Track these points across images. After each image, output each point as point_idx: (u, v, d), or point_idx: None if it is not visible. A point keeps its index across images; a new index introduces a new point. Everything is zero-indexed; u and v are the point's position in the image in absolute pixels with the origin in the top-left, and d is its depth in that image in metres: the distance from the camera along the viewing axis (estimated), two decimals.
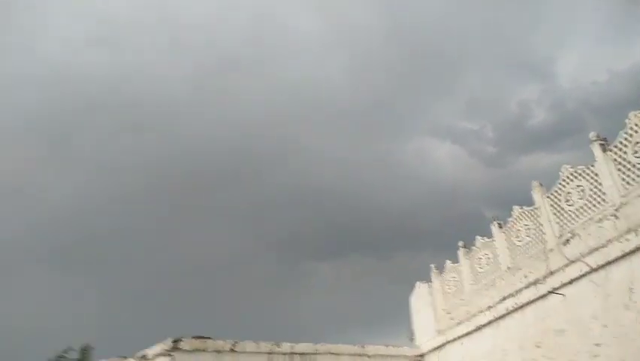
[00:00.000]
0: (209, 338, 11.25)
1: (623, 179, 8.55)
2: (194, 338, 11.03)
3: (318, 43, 37.17)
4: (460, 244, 12.39)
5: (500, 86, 39.27)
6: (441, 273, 13.11)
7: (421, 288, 13.76)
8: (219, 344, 11.01)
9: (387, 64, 36.90)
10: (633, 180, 8.37)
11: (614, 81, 33.55)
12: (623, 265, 8.20)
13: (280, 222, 40.55)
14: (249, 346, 10.98)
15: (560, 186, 9.86)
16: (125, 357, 12.12)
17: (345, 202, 38.97)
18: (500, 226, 11.28)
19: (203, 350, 10.79)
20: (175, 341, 10.61)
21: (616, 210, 8.54)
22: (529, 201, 10.62)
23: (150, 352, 11.02)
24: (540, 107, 37.88)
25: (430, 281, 13.39)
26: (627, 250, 8.06)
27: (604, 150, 8.97)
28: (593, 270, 8.64)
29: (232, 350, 10.98)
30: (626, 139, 8.63)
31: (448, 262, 12.81)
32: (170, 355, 10.51)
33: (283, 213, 40.22)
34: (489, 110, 40.40)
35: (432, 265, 13.38)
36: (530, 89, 39.45)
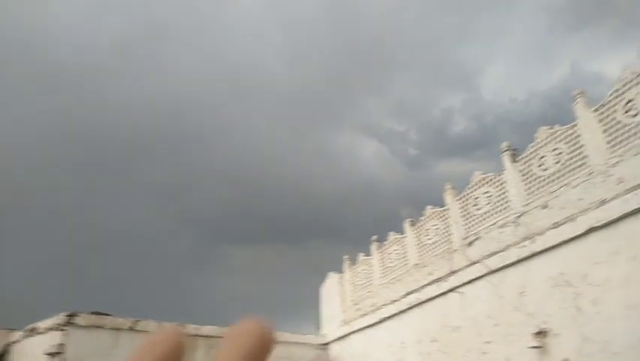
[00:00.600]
0: (108, 314, 10.75)
1: (527, 189, 9.11)
2: (91, 313, 10.49)
3: (258, 25, 36.49)
4: (374, 238, 12.68)
5: (428, 92, 40.76)
6: (353, 265, 13.36)
7: (332, 278, 13.96)
8: (119, 321, 10.54)
9: (325, 56, 37.07)
10: (535, 191, 8.94)
11: (532, 100, 35.90)
12: (517, 270, 8.76)
13: (202, 202, 39.67)
14: (151, 325, 10.60)
15: (470, 190, 10.34)
16: (13, 329, 11.30)
17: (272, 187, 38.85)
18: (412, 224, 11.66)
19: (101, 327, 10.29)
20: (70, 316, 10.02)
21: (517, 217, 9.09)
22: (442, 203, 11.07)
23: (42, 325, 10.33)
24: (462, 116, 39.79)
25: (342, 272, 13.62)
26: (522, 256, 8.62)
27: (513, 161, 9.50)
28: (491, 272, 9.17)
29: (132, 329, 10.55)
30: (533, 152, 9.18)
31: (361, 255, 13.08)
32: (63, 329, 9.91)
33: (207, 193, 39.37)
34: (415, 114, 41.82)
35: (345, 257, 13.61)
36: (455, 98, 41.31)
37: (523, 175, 9.23)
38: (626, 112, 7.52)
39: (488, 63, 38.40)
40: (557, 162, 8.57)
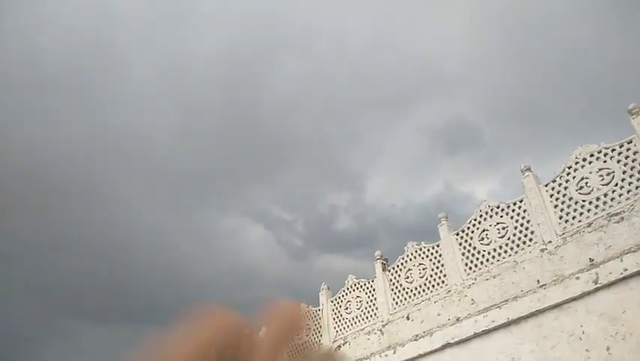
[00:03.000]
0: None
1: (394, 299, 9.61)
2: None
3: (151, 95, 35.94)
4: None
5: (316, 187, 42.45)
6: None
7: None
8: None
9: (217, 139, 37.33)
10: (401, 301, 9.46)
11: (409, 210, 38.91)
12: None
13: (56, 269, 35.79)
14: None
15: (344, 293, 10.65)
16: None
17: (142, 264, 36.47)
18: None
19: None
20: None
21: (383, 325, 9.47)
22: (317, 302, 11.21)
23: None
24: (347, 214, 41.70)
25: None
26: None
27: (383, 269, 10.05)
28: None
29: None
30: (402, 264, 9.82)
31: None
32: None
33: (64, 260, 35.72)
34: (303, 206, 43.03)
35: None
36: (341, 197, 43.38)
37: (392, 284, 9.77)
38: (481, 240, 8.47)
39: (374, 169, 41.35)
40: (422, 277, 9.24)
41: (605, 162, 7.25)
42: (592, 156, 7.40)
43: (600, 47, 27.68)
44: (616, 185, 7.00)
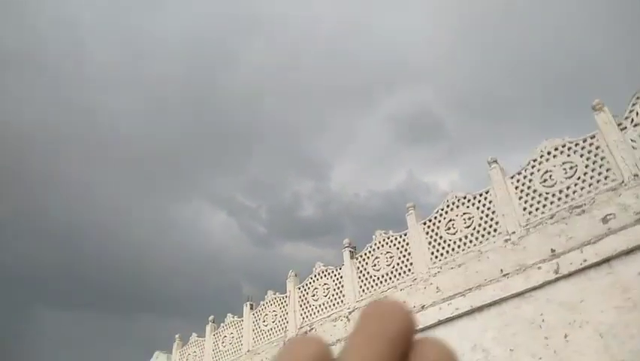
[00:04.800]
0: None
1: (361, 286, 9.70)
2: None
3: (120, 77, 34.92)
4: (210, 318, 12.23)
5: (282, 175, 42.28)
6: (184, 345, 12.63)
7: (159, 359, 12.97)
8: None
9: (184, 126, 36.58)
10: (368, 288, 9.56)
11: (373, 199, 39.26)
12: None
13: (18, 257, 34.65)
14: None
15: (311, 280, 10.68)
16: None
17: (106, 250, 35.62)
18: (252, 307, 11.55)
19: None
20: None
21: (349, 312, 9.56)
22: (284, 288, 11.21)
23: None
24: (311, 202, 41.76)
25: (170, 353, 12.75)
26: None
27: (351, 257, 10.12)
28: None
29: None
30: (369, 252, 9.90)
31: (194, 335, 12.45)
32: None
33: (24, 247, 34.59)
34: (267, 193, 42.83)
35: (176, 336, 12.83)
36: (306, 185, 43.38)
37: (360, 272, 9.85)
38: (448, 230, 8.62)
39: (338, 157, 41.47)
40: (389, 265, 9.35)
41: (568, 155, 7.45)
42: (556, 149, 7.60)
43: (567, 41, 28.38)
44: (578, 178, 7.22)
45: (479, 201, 8.33)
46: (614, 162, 6.93)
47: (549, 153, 7.65)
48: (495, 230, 7.95)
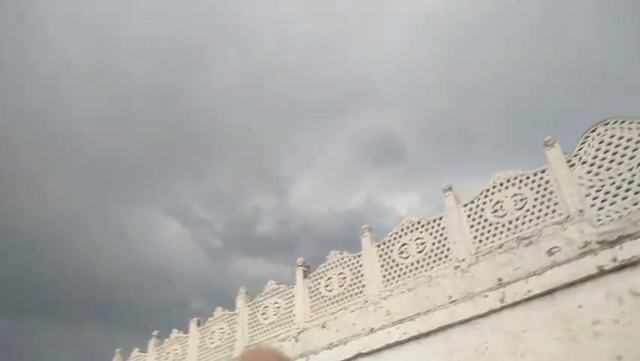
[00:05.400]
0: None
1: (312, 306, 9.59)
2: None
3: (76, 72, 33.78)
4: (155, 333, 11.81)
5: (241, 188, 41.77)
6: (125, 360, 12.12)
7: None
8: None
9: (145, 131, 35.77)
10: (318, 309, 9.46)
11: (332, 218, 39.35)
12: None
13: None
14: None
15: (262, 298, 10.50)
16: None
17: (54, 255, 34.08)
18: (199, 324, 11.23)
19: None
20: None
21: (298, 333, 9.42)
22: (234, 305, 10.95)
23: None
24: (270, 218, 41.37)
25: None
26: None
27: (304, 276, 10.02)
28: None
29: None
30: (323, 271, 9.84)
31: (136, 350, 11.98)
32: None
33: None
34: (226, 206, 42.12)
35: (116, 351, 12.30)
36: (266, 200, 42.92)
37: (312, 292, 9.75)
38: (401, 253, 8.67)
39: (301, 175, 41.41)
40: (341, 286, 9.30)
41: (519, 188, 7.68)
42: (508, 181, 7.82)
43: (532, 77, 29.58)
44: (527, 211, 7.43)
45: (432, 227, 8.44)
46: (562, 197, 7.18)
47: (501, 185, 7.87)
48: (446, 256, 8.06)
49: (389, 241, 8.94)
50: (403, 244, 8.69)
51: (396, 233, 8.88)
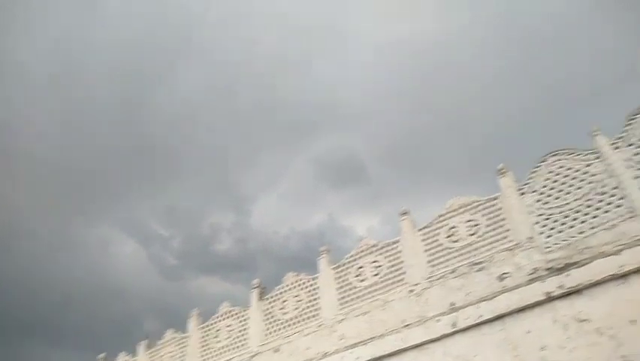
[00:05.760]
0: None
1: (266, 330, 9.39)
2: None
3: (35, 78, 32.57)
4: (101, 356, 11.32)
5: (201, 205, 41.01)
6: None
7: None
8: None
9: (106, 137, 34.79)
10: (273, 333, 9.27)
11: (291, 238, 39.07)
12: None
13: None
14: None
15: (215, 321, 10.22)
16: None
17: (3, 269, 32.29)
18: (148, 347, 10.82)
19: None
20: None
21: (251, 357, 9.19)
22: (185, 328, 10.62)
23: None
24: (229, 236, 40.65)
25: None
26: None
27: (260, 298, 9.83)
28: None
29: None
30: (278, 294, 9.67)
31: None
32: None
33: None
34: (184, 223, 41.16)
35: None
36: (226, 217, 42.26)
37: (266, 315, 9.57)
38: (357, 276, 8.65)
39: (262, 194, 41.03)
40: (296, 309, 9.17)
41: (473, 214, 7.83)
42: (462, 207, 7.97)
43: (490, 104, 30.56)
44: (480, 236, 7.58)
45: (388, 251, 8.48)
46: (513, 224, 7.36)
47: (455, 210, 8.01)
48: (401, 280, 8.08)
49: (346, 263, 8.92)
50: (360, 267, 8.68)
51: (353, 256, 8.87)
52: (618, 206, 6.53)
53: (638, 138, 6.79)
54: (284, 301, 9.46)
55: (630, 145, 6.82)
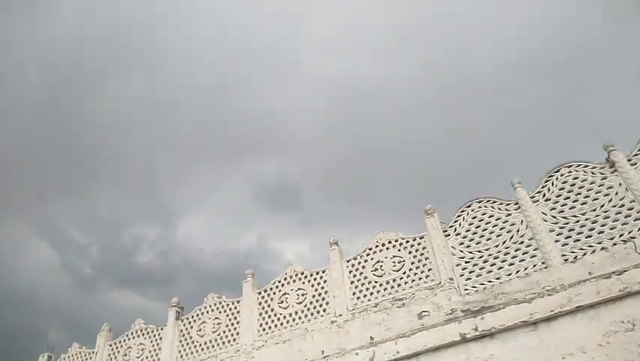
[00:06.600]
0: None
1: (180, 351, 9.02)
2: None
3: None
4: None
5: (125, 214, 39.22)
6: None
7: None
8: None
9: (36, 136, 32.67)
10: (187, 354, 8.92)
11: (218, 257, 38.16)
12: None
13: None
14: None
15: (126, 338, 9.71)
16: None
17: None
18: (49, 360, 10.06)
19: None
20: None
21: None
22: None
23: None
24: (151, 249, 39.08)
25: None
26: None
27: (177, 318, 9.47)
28: None
29: None
30: (197, 315, 9.36)
31: None
32: None
33: None
34: (104, 232, 39.07)
35: None
36: (150, 230, 40.63)
37: (182, 335, 9.22)
38: (280, 303, 8.56)
39: (192, 209, 39.93)
40: (214, 331, 8.91)
41: (399, 250, 8.03)
42: (390, 242, 8.16)
43: (429, 140, 31.68)
44: (404, 273, 7.77)
45: (315, 279, 8.48)
46: (436, 264, 7.61)
47: (383, 245, 8.18)
48: (324, 310, 8.09)
49: (271, 288, 8.81)
50: (284, 293, 8.60)
51: (279, 281, 8.79)
52: (533, 256, 6.95)
53: (555, 194, 7.30)
54: (202, 323, 9.17)
55: (547, 200, 7.32)
